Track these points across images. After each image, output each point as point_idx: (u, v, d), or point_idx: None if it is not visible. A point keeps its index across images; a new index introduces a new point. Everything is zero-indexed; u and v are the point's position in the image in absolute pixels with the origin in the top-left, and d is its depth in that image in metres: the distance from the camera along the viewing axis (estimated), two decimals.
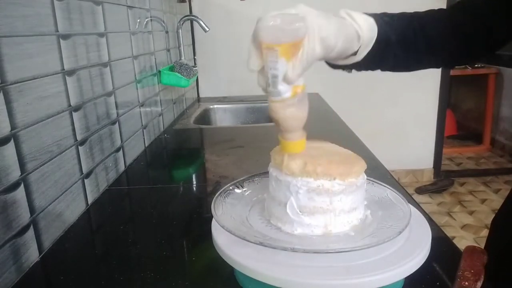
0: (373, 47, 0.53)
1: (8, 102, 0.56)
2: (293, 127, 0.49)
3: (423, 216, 0.55)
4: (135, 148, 1.10)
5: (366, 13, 0.53)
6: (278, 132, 0.50)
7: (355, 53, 0.53)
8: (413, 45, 0.58)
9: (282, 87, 0.45)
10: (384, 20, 0.55)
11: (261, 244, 0.45)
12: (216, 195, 0.57)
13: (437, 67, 0.66)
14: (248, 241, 0.46)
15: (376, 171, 0.91)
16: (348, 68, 0.58)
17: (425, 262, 0.47)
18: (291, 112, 0.47)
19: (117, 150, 0.97)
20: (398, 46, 0.57)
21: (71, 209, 0.72)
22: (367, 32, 0.51)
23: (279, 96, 0.46)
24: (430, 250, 0.48)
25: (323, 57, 0.46)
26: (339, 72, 0.63)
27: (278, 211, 0.52)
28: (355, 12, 0.51)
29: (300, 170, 0.48)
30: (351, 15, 0.51)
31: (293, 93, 0.46)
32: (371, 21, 0.53)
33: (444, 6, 0.70)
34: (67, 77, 0.73)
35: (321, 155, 0.51)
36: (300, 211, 0.49)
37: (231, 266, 0.48)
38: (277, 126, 0.49)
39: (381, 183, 0.61)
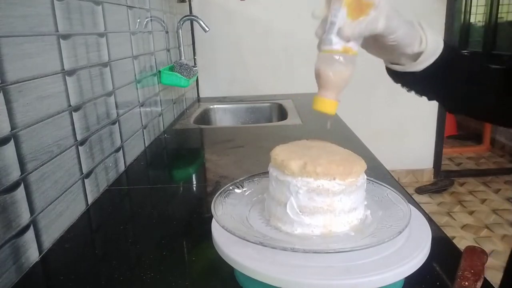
0: (439, 66, 0.53)
1: (8, 102, 0.56)
2: (331, 83, 0.49)
3: (423, 216, 0.55)
4: (135, 148, 1.10)
5: None
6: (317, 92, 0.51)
7: (416, 60, 0.53)
8: (489, 80, 0.58)
9: (334, 38, 0.47)
10: (452, 46, 0.56)
11: (261, 244, 0.45)
12: (216, 195, 0.57)
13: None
14: (248, 241, 0.46)
15: (376, 171, 0.91)
16: (410, 84, 0.58)
17: (425, 262, 0.47)
18: (334, 66, 0.48)
19: (117, 150, 0.97)
20: (466, 69, 0.57)
21: (71, 209, 0.72)
22: (431, 43, 0.52)
23: (329, 46, 0.48)
24: (430, 250, 0.48)
25: (381, 33, 0.48)
26: None
27: (278, 211, 0.52)
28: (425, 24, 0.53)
29: (300, 170, 0.48)
30: (420, 23, 0.52)
31: (342, 49, 0.47)
32: (439, 38, 0.53)
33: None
34: (67, 77, 0.73)
35: (321, 155, 0.51)
36: (300, 211, 0.49)
37: (231, 266, 0.48)
38: (317, 79, 0.50)
39: (381, 183, 0.61)
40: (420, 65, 0.53)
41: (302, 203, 0.49)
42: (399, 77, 0.58)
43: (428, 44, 0.51)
